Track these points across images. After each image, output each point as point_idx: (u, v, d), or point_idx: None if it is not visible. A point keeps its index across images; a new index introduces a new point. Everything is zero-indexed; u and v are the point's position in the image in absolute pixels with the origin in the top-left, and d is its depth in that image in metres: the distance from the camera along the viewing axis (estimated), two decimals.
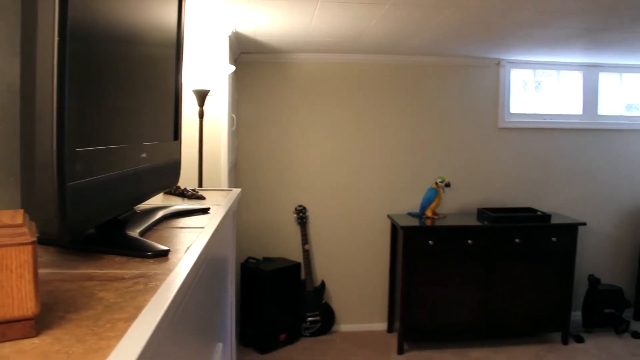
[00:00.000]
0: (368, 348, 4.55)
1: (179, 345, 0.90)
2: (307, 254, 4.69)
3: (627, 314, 5.19)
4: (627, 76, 5.33)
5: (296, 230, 4.75)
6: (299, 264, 4.60)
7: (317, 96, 4.72)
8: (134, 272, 0.88)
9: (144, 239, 1.08)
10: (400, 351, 4.43)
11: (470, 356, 4.41)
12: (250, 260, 4.51)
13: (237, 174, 4.64)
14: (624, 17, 3.25)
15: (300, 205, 4.72)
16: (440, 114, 4.89)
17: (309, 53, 4.60)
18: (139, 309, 0.68)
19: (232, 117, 3.90)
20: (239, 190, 2.11)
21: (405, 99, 4.83)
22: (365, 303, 4.94)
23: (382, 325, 4.97)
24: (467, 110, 4.93)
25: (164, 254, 1.00)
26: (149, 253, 0.99)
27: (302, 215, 4.69)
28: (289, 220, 4.77)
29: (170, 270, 0.88)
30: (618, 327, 4.94)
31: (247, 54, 4.54)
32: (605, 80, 5.27)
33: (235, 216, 2.14)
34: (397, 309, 4.62)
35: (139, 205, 1.40)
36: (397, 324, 4.57)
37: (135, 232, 1.12)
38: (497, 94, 4.96)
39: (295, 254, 4.75)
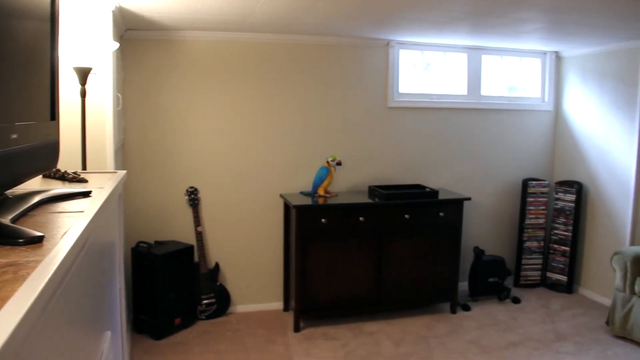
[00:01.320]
0: (264, 328, 4.57)
1: (55, 336, 0.85)
2: (200, 235, 4.62)
3: (508, 281, 5.55)
4: (508, 59, 5.62)
5: (188, 212, 4.66)
6: (192, 247, 4.52)
7: (208, 75, 4.62)
8: (3, 261, 0.82)
9: (16, 226, 1.01)
10: (297, 329, 4.48)
11: (364, 330, 4.54)
12: (141, 244, 4.37)
13: (125, 156, 4.47)
14: (502, 2, 3.40)
15: (191, 187, 4.63)
16: (332, 93, 4.94)
17: (199, 31, 4.49)
18: (4, 300, 0.63)
19: (118, 96, 3.74)
20: (124, 172, 2.03)
21: (297, 78, 4.83)
22: (260, 283, 4.95)
23: (278, 304, 5.00)
24: (358, 90, 5.01)
25: (38, 240, 0.93)
26: (21, 240, 0.92)
27: (193, 197, 4.61)
28: (180, 202, 4.67)
29: (43, 257, 0.83)
30: (500, 294, 5.26)
31: (133, 31, 4.36)
32: (488, 62, 5.53)
33: (121, 199, 2.06)
34: (292, 287, 4.66)
35: (12, 190, 1.31)
36: (292, 302, 4.61)
37: (6, 219, 1.04)
38: (386, 74, 5.07)
39: (188, 237, 4.67)
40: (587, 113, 5.42)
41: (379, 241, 4.61)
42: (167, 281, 4.28)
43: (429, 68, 5.39)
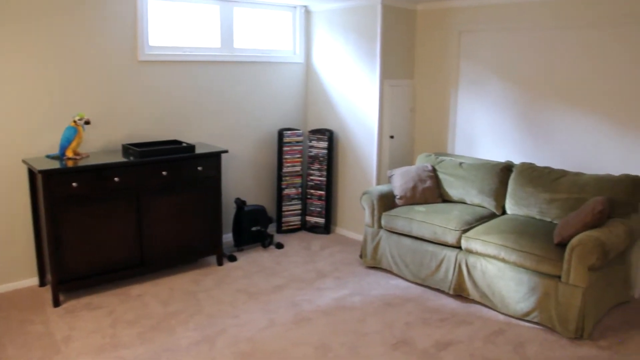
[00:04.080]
0: (18, 308, 4.19)
1: None
2: None
3: (271, 229, 5.78)
4: (260, 12, 5.70)
5: None
6: None
7: None
8: None
9: None
10: (56, 303, 4.19)
11: (131, 293, 4.41)
12: None
13: None
14: None
15: None
16: (76, 46, 4.56)
17: None
18: None
19: None
20: None
21: (34, 27, 4.35)
22: (8, 260, 4.50)
23: (33, 280, 4.61)
24: (105, 43, 4.70)
25: None
26: None
27: None
28: None
29: None
30: (264, 241, 5.48)
31: None
32: (241, 14, 5.55)
33: None
34: (46, 260, 4.32)
35: None
36: (49, 276, 4.29)
37: None
38: (135, 25, 4.83)
39: None
40: (335, 65, 5.77)
41: (137, 201, 4.46)
42: None
43: (181, 20, 5.25)
